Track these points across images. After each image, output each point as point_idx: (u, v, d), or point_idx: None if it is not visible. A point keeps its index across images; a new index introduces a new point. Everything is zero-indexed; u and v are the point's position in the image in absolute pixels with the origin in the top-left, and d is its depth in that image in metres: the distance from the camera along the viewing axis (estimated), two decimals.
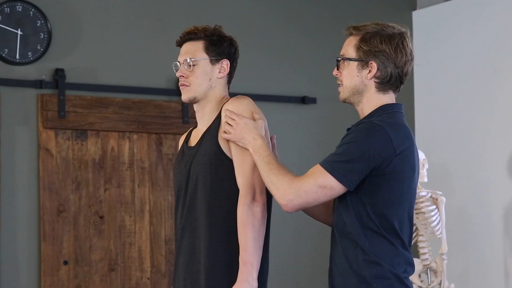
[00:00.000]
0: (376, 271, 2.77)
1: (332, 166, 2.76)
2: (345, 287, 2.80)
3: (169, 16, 5.39)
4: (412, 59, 2.92)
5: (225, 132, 3.02)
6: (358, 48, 2.86)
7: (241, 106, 3.06)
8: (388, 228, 2.78)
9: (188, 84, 3.14)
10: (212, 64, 3.14)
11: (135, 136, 5.23)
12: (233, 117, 3.00)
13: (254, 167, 3.02)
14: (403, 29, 2.90)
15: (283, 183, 2.80)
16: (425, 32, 5.99)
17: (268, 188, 2.88)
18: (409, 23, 6.04)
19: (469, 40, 5.80)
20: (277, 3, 5.75)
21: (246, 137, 2.96)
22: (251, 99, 3.10)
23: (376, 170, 2.75)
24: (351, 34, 2.91)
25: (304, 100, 5.74)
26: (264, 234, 3.03)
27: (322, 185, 2.76)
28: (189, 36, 3.15)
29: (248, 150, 3.00)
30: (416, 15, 6.11)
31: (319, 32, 5.84)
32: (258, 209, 3.01)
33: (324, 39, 5.80)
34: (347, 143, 2.77)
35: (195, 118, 5.45)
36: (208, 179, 3.06)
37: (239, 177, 3.04)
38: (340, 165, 2.75)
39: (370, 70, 2.86)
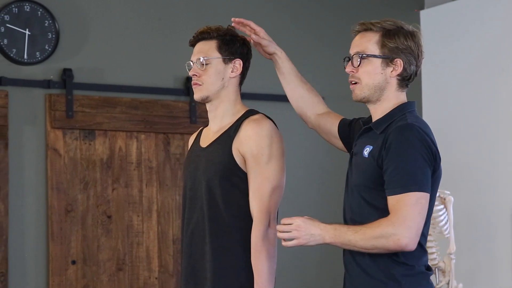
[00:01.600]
0: (405, 270, 2.76)
1: (406, 184, 2.69)
2: (370, 284, 2.78)
3: (177, 16, 5.39)
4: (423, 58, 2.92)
5: (284, 240, 2.82)
6: (383, 45, 2.82)
7: (262, 131, 3.06)
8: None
9: (200, 83, 3.14)
10: (225, 63, 3.15)
11: (142, 136, 5.23)
12: (287, 223, 2.80)
13: (271, 194, 3.03)
14: (415, 27, 2.89)
15: (387, 231, 2.68)
16: (433, 31, 5.99)
17: (376, 250, 2.73)
18: (417, 22, 6.02)
19: (477, 39, 5.79)
20: (283, 3, 5.75)
21: (314, 232, 2.77)
22: (271, 122, 3.11)
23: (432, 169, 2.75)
24: (366, 30, 2.86)
25: None
26: (276, 259, 3.06)
27: (415, 203, 2.68)
28: (202, 35, 3.16)
29: (265, 176, 3.01)
30: (424, 14, 6.11)
31: (326, 32, 5.83)
32: (272, 235, 3.04)
33: (331, 38, 5.80)
34: (403, 154, 2.71)
35: (203, 118, 5.45)
36: (219, 189, 3.07)
37: (254, 202, 3.04)
38: (412, 178, 2.69)
39: (394, 68, 2.82)
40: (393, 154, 2.72)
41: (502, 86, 5.63)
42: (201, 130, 3.30)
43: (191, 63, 3.17)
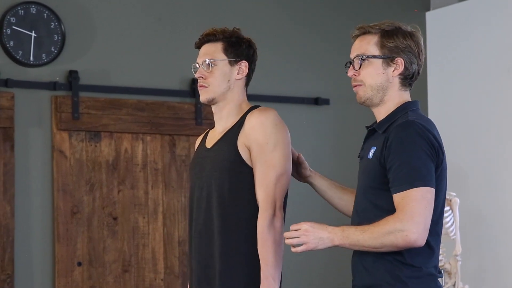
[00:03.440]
0: (412, 271, 2.74)
1: (410, 180, 2.68)
2: (377, 285, 2.77)
3: (183, 18, 5.39)
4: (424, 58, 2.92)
5: (293, 246, 2.80)
6: (383, 45, 2.83)
7: (266, 120, 3.06)
8: (432, 230, 2.74)
9: (206, 85, 3.15)
10: (230, 65, 3.15)
11: (148, 138, 5.23)
12: (295, 228, 2.78)
13: (276, 182, 3.02)
14: (414, 28, 2.90)
15: (394, 228, 2.66)
16: (439, 33, 5.98)
17: (385, 249, 2.70)
18: (423, 24, 6.03)
19: (483, 41, 5.78)
20: (289, 4, 5.75)
21: (323, 235, 2.75)
22: (275, 111, 3.11)
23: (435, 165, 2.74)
24: (364, 33, 2.87)
25: (317, 101, 5.74)
26: (283, 247, 3.05)
27: (421, 199, 2.67)
28: (208, 37, 3.16)
29: (270, 163, 3.01)
30: (430, 15, 6.10)
31: (332, 33, 5.83)
32: (278, 224, 3.03)
33: (337, 39, 5.79)
34: (405, 151, 2.70)
35: (208, 119, 5.46)
36: (226, 186, 3.07)
37: (260, 191, 3.04)
38: (416, 174, 2.68)
39: (395, 67, 2.84)
40: (395, 152, 2.72)
41: (508, 87, 5.62)
42: (207, 132, 3.31)
43: (197, 65, 3.18)
